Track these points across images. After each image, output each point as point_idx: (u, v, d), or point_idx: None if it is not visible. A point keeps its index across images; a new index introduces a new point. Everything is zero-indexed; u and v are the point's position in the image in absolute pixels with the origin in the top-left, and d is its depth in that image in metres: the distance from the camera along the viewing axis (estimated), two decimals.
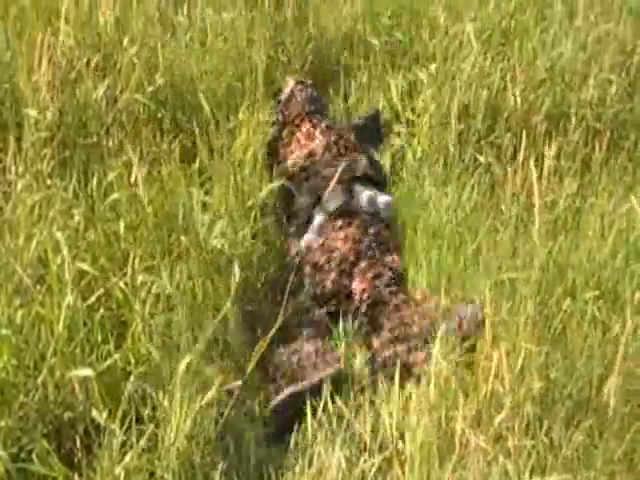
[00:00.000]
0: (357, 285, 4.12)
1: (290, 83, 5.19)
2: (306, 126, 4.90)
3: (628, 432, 3.30)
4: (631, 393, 3.43)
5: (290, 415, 3.57)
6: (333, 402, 3.53)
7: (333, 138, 4.79)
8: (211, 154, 4.46)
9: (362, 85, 5.44)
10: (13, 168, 3.92)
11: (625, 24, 5.38)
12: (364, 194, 4.44)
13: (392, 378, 3.56)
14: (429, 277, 4.09)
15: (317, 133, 4.85)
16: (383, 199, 4.48)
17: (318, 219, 4.42)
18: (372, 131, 5.12)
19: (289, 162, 4.80)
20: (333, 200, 4.40)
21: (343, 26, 5.85)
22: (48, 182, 3.96)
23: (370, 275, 4.13)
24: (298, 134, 4.90)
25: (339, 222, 4.34)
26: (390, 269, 4.18)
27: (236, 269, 3.61)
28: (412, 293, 4.11)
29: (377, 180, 4.65)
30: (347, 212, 4.38)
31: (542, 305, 3.73)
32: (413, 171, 4.85)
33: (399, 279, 4.17)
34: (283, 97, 5.13)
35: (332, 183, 4.13)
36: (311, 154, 4.75)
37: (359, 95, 5.42)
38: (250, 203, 4.36)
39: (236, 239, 4.10)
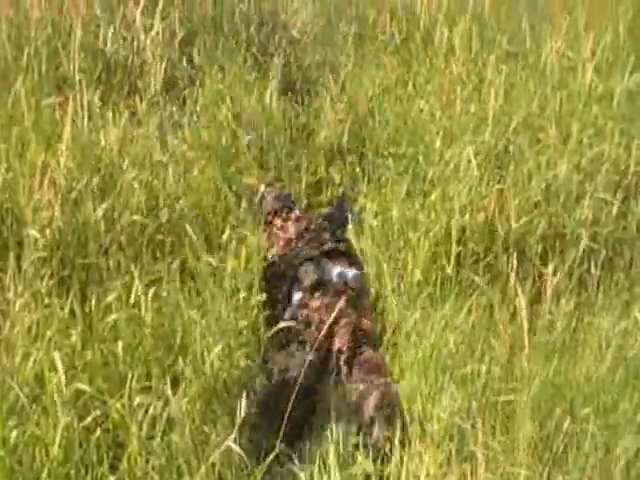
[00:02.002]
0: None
1: (261, 188, 5.74)
2: (279, 221, 5.45)
3: None
4: None
5: None
6: None
7: (304, 225, 5.36)
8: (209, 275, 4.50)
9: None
10: (12, 287, 3.94)
11: (618, 145, 5.46)
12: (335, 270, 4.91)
13: None
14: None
15: (289, 224, 5.41)
16: (351, 273, 4.89)
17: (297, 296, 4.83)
18: (340, 217, 5.53)
19: (269, 255, 5.24)
20: (307, 277, 4.86)
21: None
22: (46, 301, 3.98)
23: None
24: (275, 229, 5.43)
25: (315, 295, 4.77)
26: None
27: (243, 402, 3.60)
28: None
29: (347, 255, 5.12)
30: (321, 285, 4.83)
31: (541, 425, 3.70)
32: (410, 292, 4.88)
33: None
34: (256, 200, 5.66)
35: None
36: (288, 243, 5.27)
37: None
38: (244, 324, 4.37)
39: (232, 362, 4.09)
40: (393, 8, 7.57)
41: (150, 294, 4.08)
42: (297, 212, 5.57)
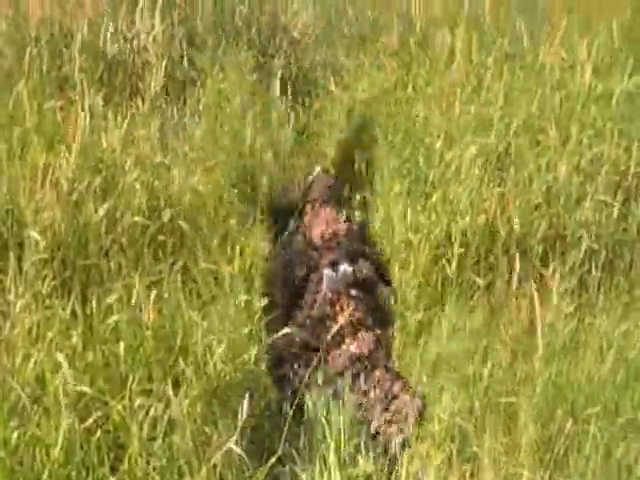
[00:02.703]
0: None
1: (316, 169, 6.01)
2: (328, 210, 5.65)
3: None
4: None
5: None
6: None
7: (355, 227, 5.56)
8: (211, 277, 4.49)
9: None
10: (13, 288, 3.93)
11: (618, 146, 5.46)
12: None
13: None
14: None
15: (340, 219, 5.59)
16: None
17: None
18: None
19: (316, 233, 5.47)
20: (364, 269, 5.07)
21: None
22: (47, 302, 3.97)
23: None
24: (324, 214, 5.62)
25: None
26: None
27: (245, 404, 3.59)
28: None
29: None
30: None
31: (543, 427, 3.70)
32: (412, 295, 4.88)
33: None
34: (309, 179, 5.98)
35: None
36: (336, 233, 5.42)
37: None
38: (249, 329, 4.36)
39: (235, 364, 4.08)
40: (396, 10, 7.60)
41: (152, 295, 4.07)
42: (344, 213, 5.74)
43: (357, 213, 5.79)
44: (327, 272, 4.99)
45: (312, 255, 5.26)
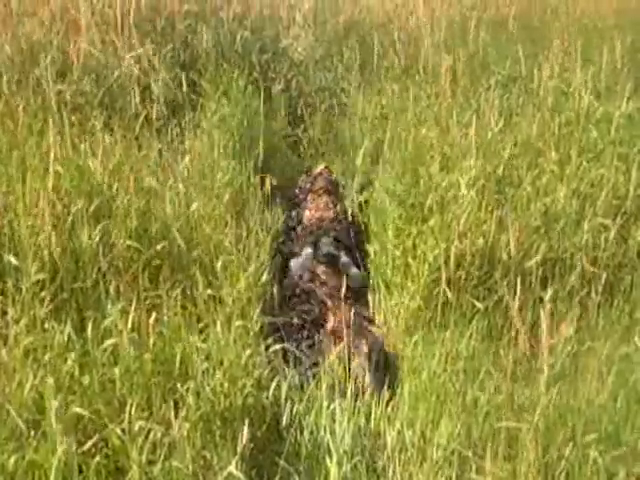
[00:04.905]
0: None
1: (320, 166, 6.82)
2: (325, 199, 6.43)
3: None
4: None
5: None
6: None
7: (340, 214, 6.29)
8: (210, 300, 4.48)
9: None
10: (10, 311, 3.92)
11: (617, 170, 5.46)
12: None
13: None
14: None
15: (331, 207, 6.37)
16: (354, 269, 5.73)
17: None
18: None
19: (306, 215, 6.34)
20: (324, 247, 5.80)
21: None
22: (45, 325, 3.96)
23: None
24: (319, 201, 6.42)
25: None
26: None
27: (245, 431, 3.59)
28: None
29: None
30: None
31: (544, 452, 3.69)
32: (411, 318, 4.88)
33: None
34: (315, 173, 6.76)
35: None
36: (322, 219, 6.25)
37: None
38: (248, 353, 4.35)
39: (235, 387, 4.07)
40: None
41: (151, 320, 4.05)
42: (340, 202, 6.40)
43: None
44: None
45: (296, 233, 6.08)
